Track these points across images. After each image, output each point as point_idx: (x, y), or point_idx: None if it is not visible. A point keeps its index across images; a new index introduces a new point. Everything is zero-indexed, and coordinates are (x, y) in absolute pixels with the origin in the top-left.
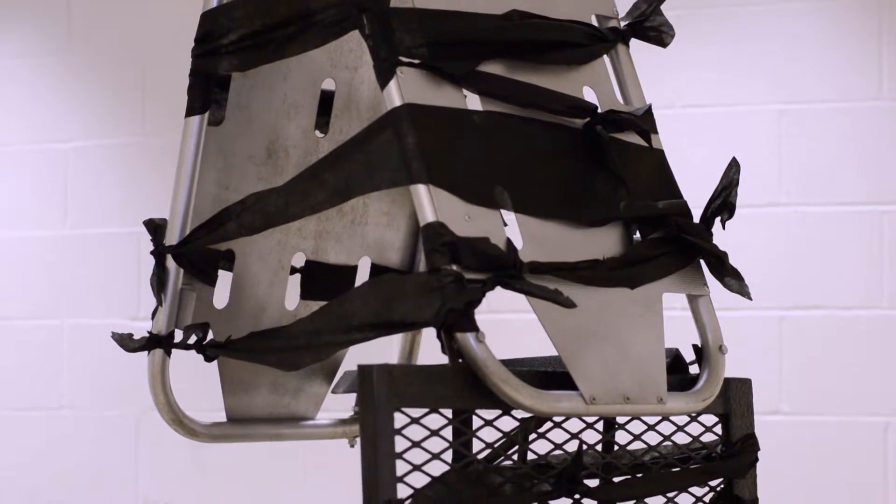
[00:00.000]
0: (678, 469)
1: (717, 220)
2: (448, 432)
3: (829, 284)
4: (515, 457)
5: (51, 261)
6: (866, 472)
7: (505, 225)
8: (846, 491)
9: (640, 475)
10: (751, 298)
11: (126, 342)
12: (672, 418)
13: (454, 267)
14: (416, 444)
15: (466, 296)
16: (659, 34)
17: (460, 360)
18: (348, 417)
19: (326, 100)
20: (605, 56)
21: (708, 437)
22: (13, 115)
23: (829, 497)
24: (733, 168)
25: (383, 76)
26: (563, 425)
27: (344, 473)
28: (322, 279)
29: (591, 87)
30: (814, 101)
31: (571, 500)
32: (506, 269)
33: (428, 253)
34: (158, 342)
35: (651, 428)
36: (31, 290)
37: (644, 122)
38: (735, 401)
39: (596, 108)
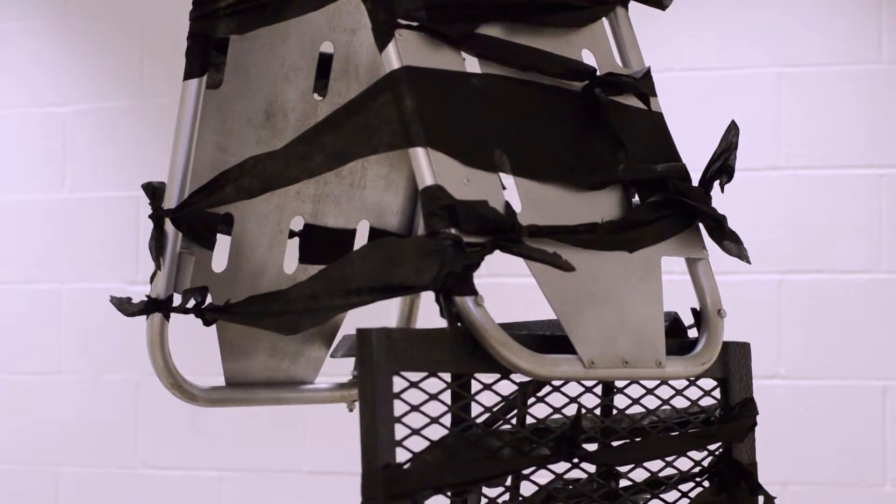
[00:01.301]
0: (677, 433)
1: (716, 183)
2: (447, 396)
3: (828, 248)
4: (514, 421)
5: (49, 225)
6: (864, 436)
7: (504, 188)
8: (844, 454)
9: (638, 439)
10: (749, 262)
11: (125, 306)
12: (671, 382)
13: (453, 230)
14: (414, 408)
15: (465, 259)
16: None
17: (459, 324)
18: (347, 381)
19: (325, 63)
20: (604, 19)
21: (706, 401)
22: (10, 79)
23: (828, 460)
24: (732, 131)
25: (382, 39)
26: (562, 389)
27: (343, 437)
28: (321, 243)
29: (590, 49)
30: (813, 65)
31: (570, 464)
32: (504, 232)
33: (427, 216)
34: (157, 306)
35: (650, 392)
36: (29, 254)
37: (643, 84)
38: (734, 365)
39: (595, 70)
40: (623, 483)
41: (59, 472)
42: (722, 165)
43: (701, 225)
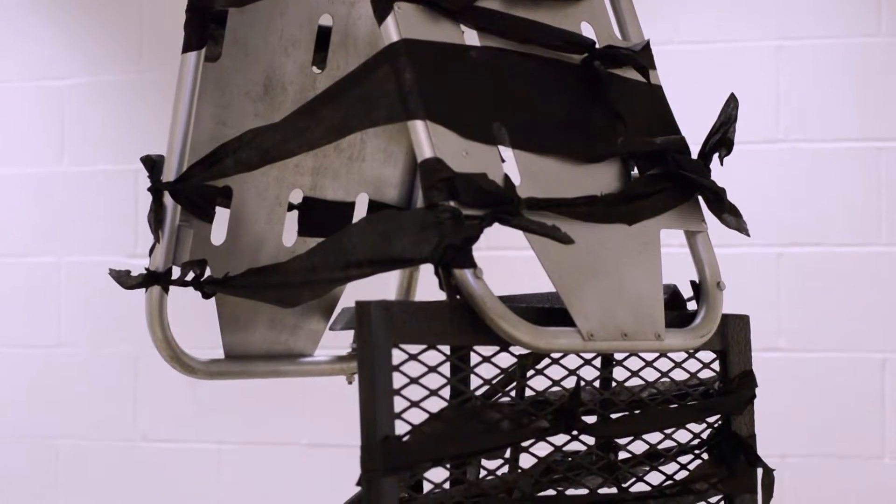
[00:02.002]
0: (676, 405)
1: (715, 156)
2: (446, 369)
3: (827, 221)
4: (513, 393)
5: (48, 198)
6: (864, 409)
7: (503, 161)
8: (843, 427)
9: (637, 411)
10: (749, 235)
11: (124, 279)
12: (670, 355)
13: (452, 203)
14: (413, 381)
15: (464, 232)
16: None
17: (458, 297)
18: (346, 354)
19: (323, 35)
20: None
21: (705, 374)
22: (7, 53)
23: (827, 433)
24: (731, 104)
25: (381, 11)
26: (561, 362)
27: (342, 410)
28: (320, 216)
29: (589, 22)
30: (812, 37)
31: (569, 437)
32: (503, 205)
33: (426, 189)
34: (156, 279)
35: (649, 364)
36: (28, 227)
37: (642, 57)
38: (733, 337)
39: (594, 43)
40: (622, 455)
41: (59, 445)
42: (721, 138)
43: (700, 198)
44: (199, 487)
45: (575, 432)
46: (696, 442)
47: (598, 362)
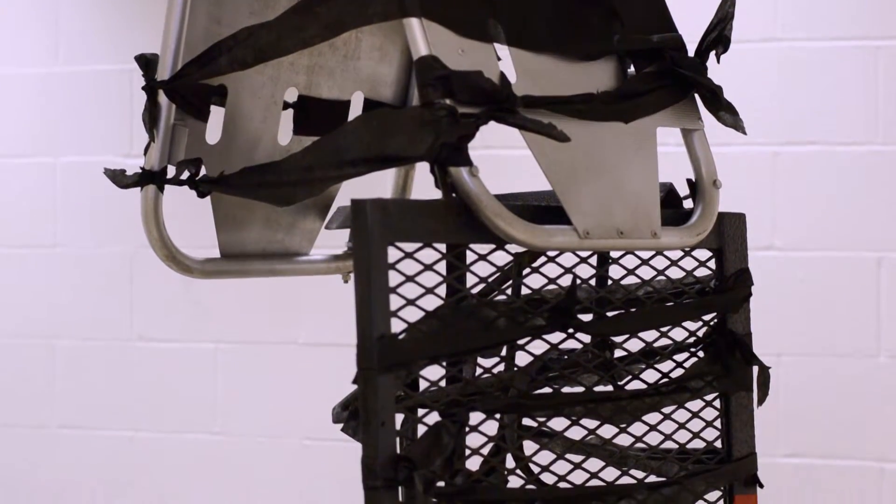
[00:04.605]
0: (671, 303)
1: (712, 53)
2: (442, 267)
3: (824, 120)
4: (509, 291)
5: (43, 98)
6: (859, 307)
7: (498, 59)
8: (839, 325)
9: (633, 310)
10: (745, 133)
11: (119, 178)
12: (666, 253)
13: (447, 101)
14: (409, 279)
15: (460, 130)
16: None
17: (454, 195)
18: (342, 253)
19: None
20: None
21: (701, 272)
22: None
23: (822, 331)
24: (728, 1)
25: None
26: (557, 260)
27: (338, 309)
28: (315, 114)
29: None
30: None
31: (565, 335)
32: (499, 102)
33: (421, 87)
34: (151, 178)
35: (645, 262)
36: (23, 127)
37: None
38: (729, 235)
39: None
40: (618, 353)
41: (56, 346)
42: (718, 36)
43: (697, 96)
44: (196, 387)
45: (571, 330)
46: (691, 340)
47: (593, 260)
